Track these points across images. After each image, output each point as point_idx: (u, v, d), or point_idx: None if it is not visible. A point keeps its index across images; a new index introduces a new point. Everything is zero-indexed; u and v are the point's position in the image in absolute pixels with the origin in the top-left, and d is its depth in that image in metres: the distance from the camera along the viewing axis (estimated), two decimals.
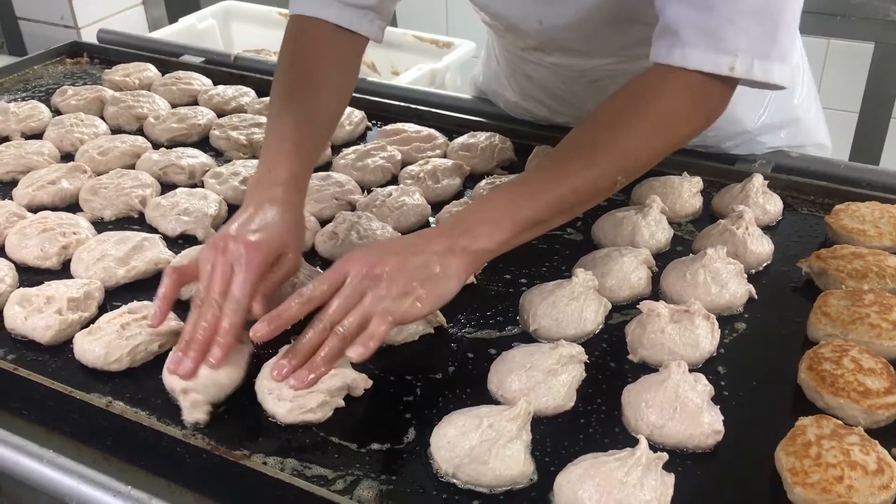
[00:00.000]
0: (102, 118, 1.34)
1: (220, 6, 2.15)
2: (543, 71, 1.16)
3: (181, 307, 0.92)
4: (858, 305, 0.88)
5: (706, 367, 0.84)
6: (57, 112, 1.37)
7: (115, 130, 1.32)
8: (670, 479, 0.71)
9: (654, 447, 0.73)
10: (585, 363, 0.83)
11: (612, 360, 0.87)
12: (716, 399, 0.79)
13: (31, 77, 1.52)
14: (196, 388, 0.79)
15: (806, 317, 0.89)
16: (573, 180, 0.85)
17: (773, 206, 1.07)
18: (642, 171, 0.92)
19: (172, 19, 2.11)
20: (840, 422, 0.75)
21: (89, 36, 1.81)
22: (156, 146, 1.26)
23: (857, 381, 0.79)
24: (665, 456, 0.71)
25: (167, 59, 1.56)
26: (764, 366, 0.86)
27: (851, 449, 0.71)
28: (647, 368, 0.84)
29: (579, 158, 0.86)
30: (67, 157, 1.24)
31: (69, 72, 1.55)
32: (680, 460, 0.75)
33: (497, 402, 0.80)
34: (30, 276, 0.99)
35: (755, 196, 1.06)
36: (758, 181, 1.07)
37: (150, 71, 1.49)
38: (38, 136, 1.30)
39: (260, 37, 2.12)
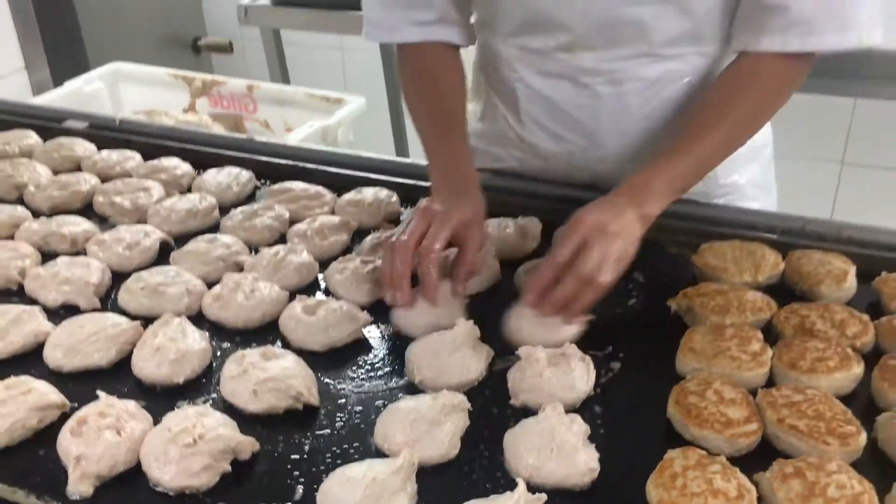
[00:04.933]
0: None
1: (107, 68, 2.14)
2: (566, 88, 1.18)
3: (68, 381, 0.92)
4: (720, 340, 0.93)
5: (583, 407, 0.88)
6: None
7: None
8: None
9: (534, 489, 0.76)
10: (469, 411, 0.86)
11: (495, 406, 0.90)
12: (592, 437, 0.83)
13: None
14: (89, 458, 0.78)
15: (675, 353, 0.94)
16: (707, 147, 1.04)
17: None
18: (754, 134, 1.11)
19: (58, 83, 2.08)
20: (704, 452, 0.79)
21: None
22: (37, 215, 1.24)
23: (719, 412, 0.84)
24: (543, 497, 0.74)
25: (50, 125, 1.54)
26: (637, 402, 0.90)
27: (714, 477, 0.76)
28: (529, 412, 0.87)
29: (708, 132, 1.05)
30: None
31: None
32: (559, 499, 0.78)
33: (384, 455, 0.82)
34: None
35: None
36: None
37: (31, 138, 1.47)
38: None
39: (151, 97, 2.11)
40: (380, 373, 0.95)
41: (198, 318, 1.02)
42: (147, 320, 0.99)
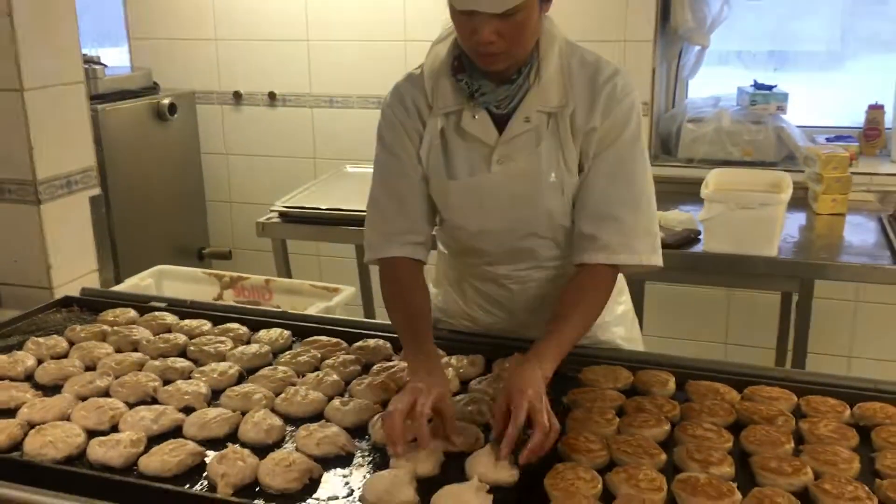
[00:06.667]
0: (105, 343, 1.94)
1: (155, 269, 2.82)
2: (491, 286, 1.88)
3: (199, 444, 1.52)
4: (590, 415, 1.57)
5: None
6: (70, 342, 1.96)
7: (117, 351, 1.92)
8: None
9: None
10: None
11: None
12: None
13: (40, 323, 2.10)
14: (230, 475, 1.37)
15: (566, 424, 1.58)
16: (572, 331, 1.61)
17: None
18: (599, 313, 1.71)
19: (118, 281, 2.75)
20: (574, 466, 1.43)
21: (61, 293, 2.40)
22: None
23: (587, 447, 1.47)
24: None
25: (139, 305, 2.19)
26: None
27: (581, 476, 1.39)
28: None
29: (570, 318, 1.63)
30: (89, 368, 1.83)
31: (66, 317, 2.15)
32: None
33: None
34: (93, 436, 1.55)
35: None
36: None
37: (131, 312, 2.11)
38: (62, 357, 1.88)
39: (188, 290, 2.78)
40: None
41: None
42: (242, 413, 1.61)
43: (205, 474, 1.44)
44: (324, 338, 1.96)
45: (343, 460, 1.49)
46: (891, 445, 1.49)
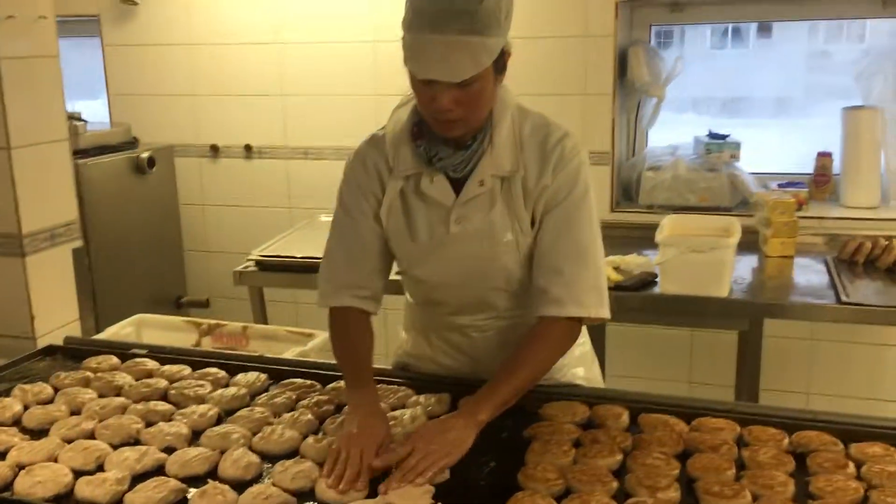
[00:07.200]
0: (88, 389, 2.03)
1: (135, 317, 2.91)
2: (455, 334, 2.01)
3: (181, 481, 1.61)
4: (548, 446, 1.70)
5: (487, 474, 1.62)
6: (55, 389, 2.05)
7: (101, 396, 2.01)
8: None
9: None
10: None
11: None
12: (496, 479, 1.56)
13: (25, 371, 2.19)
14: None
15: (525, 455, 1.70)
16: (514, 383, 1.76)
17: None
18: (550, 366, 1.85)
19: (98, 329, 2.84)
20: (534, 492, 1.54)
21: (44, 342, 2.48)
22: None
23: (545, 476, 1.58)
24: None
25: (121, 352, 2.28)
26: (504, 473, 1.64)
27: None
28: None
29: (515, 371, 1.77)
30: (74, 412, 1.92)
31: (50, 365, 2.23)
32: None
33: None
34: (80, 476, 1.64)
35: None
36: None
37: (113, 359, 2.21)
38: (48, 402, 1.97)
39: (167, 337, 2.87)
40: None
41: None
42: (222, 452, 1.71)
43: None
44: (299, 380, 2.06)
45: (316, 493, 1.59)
46: (824, 469, 1.62)
